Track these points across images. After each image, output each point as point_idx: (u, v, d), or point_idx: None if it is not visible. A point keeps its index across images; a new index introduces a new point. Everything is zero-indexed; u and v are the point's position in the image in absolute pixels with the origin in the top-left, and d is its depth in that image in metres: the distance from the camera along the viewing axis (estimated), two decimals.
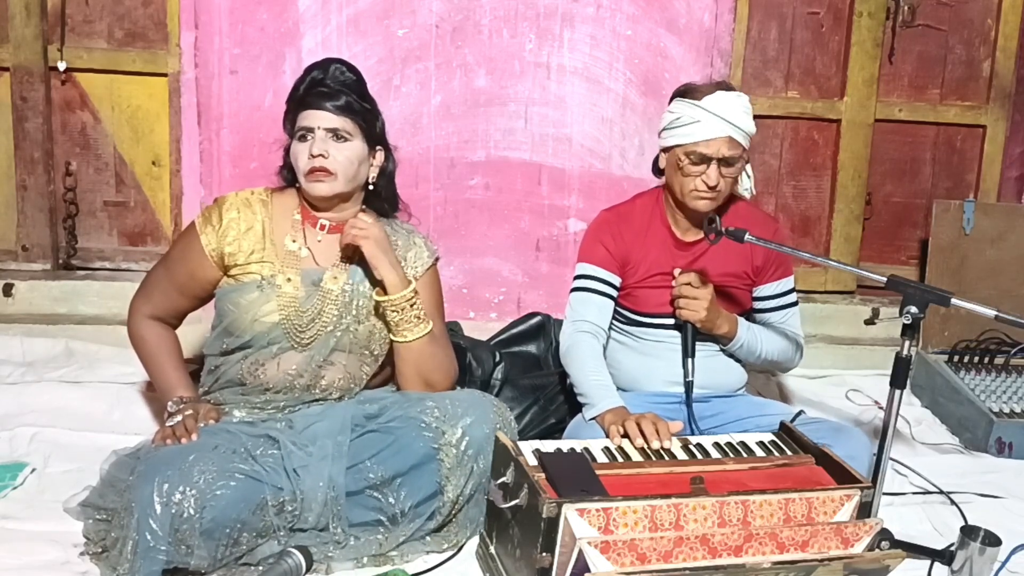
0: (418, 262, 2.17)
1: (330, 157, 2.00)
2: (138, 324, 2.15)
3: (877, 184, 3.40)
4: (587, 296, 2.30)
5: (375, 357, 2.14)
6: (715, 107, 2.14)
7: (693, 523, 1.69)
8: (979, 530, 1.92)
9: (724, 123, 2.14)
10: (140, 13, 3.03)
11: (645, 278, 2.29)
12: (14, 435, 2.34)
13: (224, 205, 2.09)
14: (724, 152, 2.15)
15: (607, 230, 2.32)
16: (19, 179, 3.06)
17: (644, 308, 2.31)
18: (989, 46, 3.33)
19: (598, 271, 2.30)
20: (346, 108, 2.02)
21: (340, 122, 2.01)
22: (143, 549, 1.69)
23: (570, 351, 2.27)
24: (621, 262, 2.30)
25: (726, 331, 2.26)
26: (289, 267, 2.06)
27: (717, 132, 2.14)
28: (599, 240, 2.32)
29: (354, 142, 2.04)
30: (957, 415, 2.83)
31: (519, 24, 2.94)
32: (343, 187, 2.04)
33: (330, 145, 2.01)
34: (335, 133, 2.01)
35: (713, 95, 2.16)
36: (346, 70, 2.07)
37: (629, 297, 2.32)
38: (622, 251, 2.30)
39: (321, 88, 2.03)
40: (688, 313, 2.22)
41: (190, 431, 1.91)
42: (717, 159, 2.15)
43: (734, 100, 2.16)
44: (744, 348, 2.29)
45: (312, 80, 2.04)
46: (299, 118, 2.03)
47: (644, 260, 2.29)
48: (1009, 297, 3.17)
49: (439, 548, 1.97)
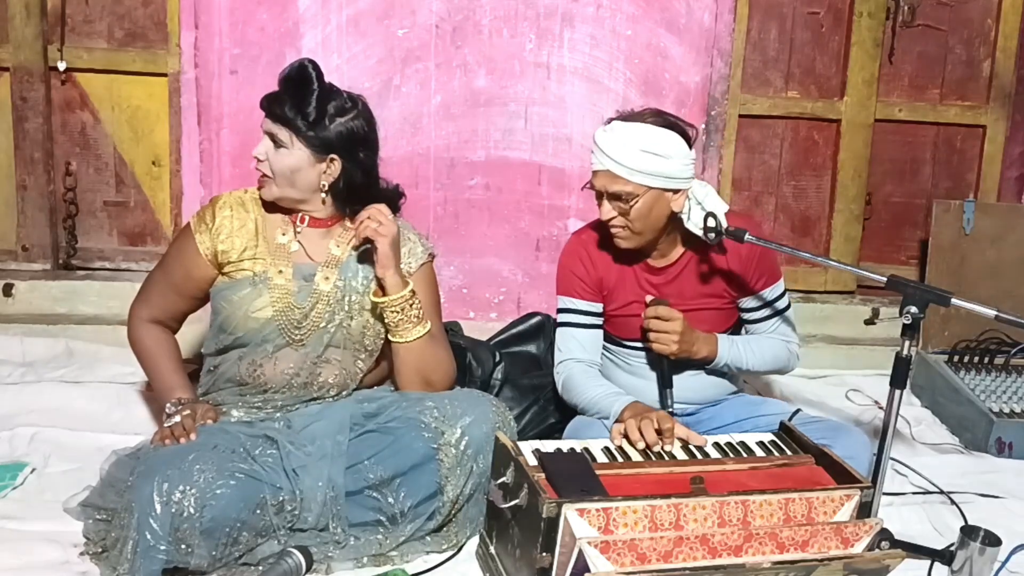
0: (412, 258, 2.16)
1: (266, 161, 2.02)
2: (137, 328, 2.16)
3: (877, 184, 3.40)
4: (570, 332, 2.25)
5: (369, 352, 2.14)
6: (600, 139, 2.06)
7: (693, 523, 1.69)
8: (979, 530, 1.92)
9: (606, 157, 2.04)
10: (140, 13, 3.03)
11: (622, 306, 2.24)
12: (14, 435, 2.34)
13: (217, 204, 2.10)
14: (608, 187, 2.06)
15: (577, 260, 2.25)
16: (19, 179, 3.06)
17: (626, 335, 2.26)
18: (989, 46, 3.33)
19: (577, 303, 2.25)
20: (282, 117, 1.99)
21: (276, 129, 2.00)
22: (143, 548, 1.70)
23: (565, 385, 2.24)
24: (598, 287, 2.24)
25: (705, 354, 2.17)
26: (281, 259, 2.07)
27: (599, 165, 2.06)
28: (572, 271, 2.25)
29: (292, 150, 2.00)
30: (957, 415, 2.83)
31: (519, 24, 2.95)
32: (281, 192, 2.04)
33: (269, 150, 2.02)
34: (273, 139, 2.01)
35: (607, 126, 2.08)
36: (313, 76, 1.99)
37: (611, 324, 2.28)
38: (597, 276, 2.23)
39: (278, 91, 2.01)
40: (660, 347, 2.12)
41: (188, 431, 1.91)
42: (606, 194, 2.08)
43: (626, 135, 2.03)
44: (729, 366, 2.22)
45: (280, 80, 2.03)
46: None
47: (619, 287, 2.23)
48: (1009, 297, 3.17)
49: (439, 548, 1.97)
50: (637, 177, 2.03)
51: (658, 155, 2.02)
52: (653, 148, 2.02)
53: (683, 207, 2.10)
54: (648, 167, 2.02)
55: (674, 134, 2.05)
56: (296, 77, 1.99)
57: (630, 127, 2.04)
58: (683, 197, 2.09)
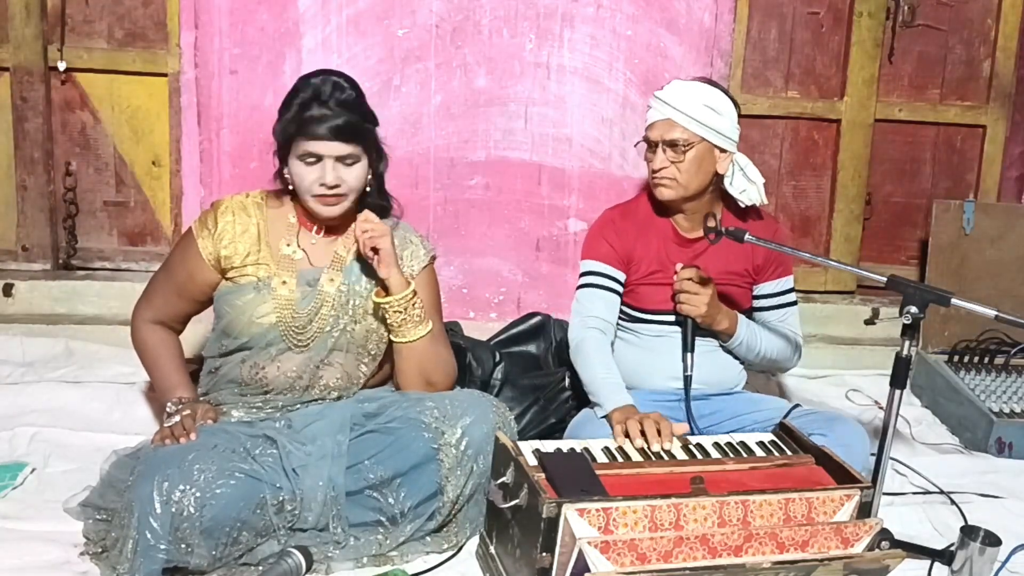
0: (414, 260, 2.17)
1: (343, 183, 2.01)
2: (140, 328, 2.17)
3: (877, 184, 3.40)
4: (594, 292, 2.32)
5: (373, 357, 2.14)
6: (662, 93, 2.26)
7: (693, 523, 1.69)
8: (979, 530, 1.92)
9: (666, 106, 2.22)
10: (140, 13, 3.03)
11: (647, 275, 2.32)
12: (14, 435, 2.34)
13: (220, 209, 2.09)
14: (665, 135, 2.22)
15: (611, 227, 2.36)
16: (19, 179, 3.06)
17: (646, 305, 2.33)
18: (989, 46, 3.33)
19: (603, 267, 2.33)
20: (352, 134, 1.99)
21: (349, 149, 2.00)
22: (143, 548, 1.70)
23: (579, 349, 2.28)
24: (625, 258, 2.33)
25: (726, 327, 2.27)
26: (285, 270, 2.07)
27: (657, 115, 2.24)
28: (603, 237, 2.35)
29: (362, 161, 2.04)
30: (957, 415, 2.83)
31: (519, 24, 2.94)
32: (351, 204, 2.06)
33: (340, 171, 2.01)
34: (343, 160, 2.01)
35: (668, 84, 2.28)
36: (346, 86, 2.01)
37: (631, 294, 2.34)
38: (626, 248, 2.33)
39: (325, 111, 1.97)
40: (688, 308, 2.23)
41: (188, 431, 1.91)
42: (661, 143, 2.21)
43: (687, 88, 2.24)
44: (743, 345, 2.30)
45: (312, 102, 1.98)
46: (303, 144, 1.97)
47: (646, 256, 2.32)
48: (1009, 297, 3.17)
49: (439, 548, 1.97)
50: (693, 126, 2.20)
51: (714, 110, 2.22)
52: (711, 103, 2.22)
53: (727, 170, 2.27)
54: (705, 119, 2.21)
55: (728, 98, 2.27)
56: (340, 87, 1.99)
57: (690, 84, 2.26)
58: (728, 160, 2.26)
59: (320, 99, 1.98)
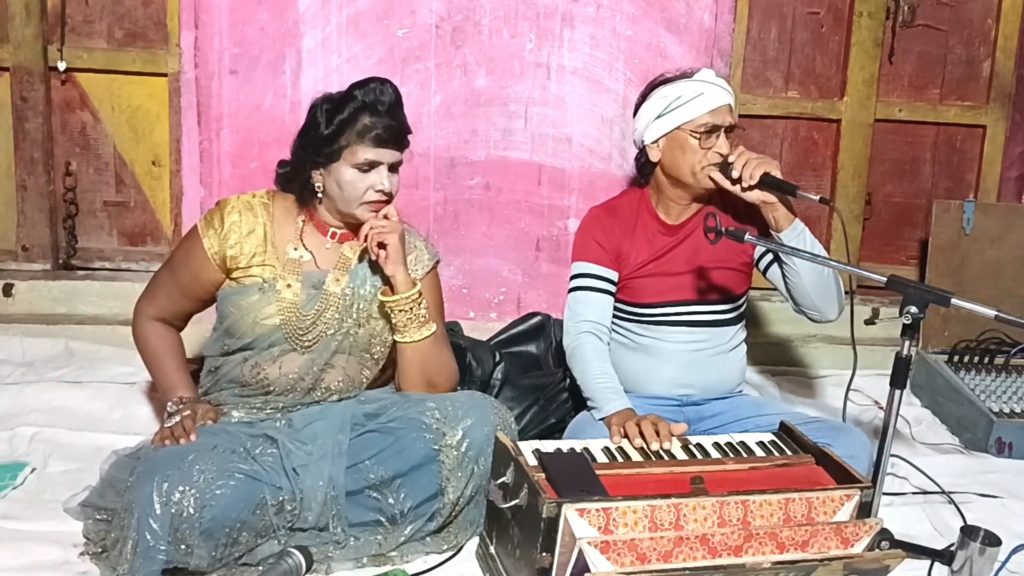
0: (418, 265, 2.16)
1: (393, 189, 2.05)
2: (142, 325, 2.16)
3: (877, 184, 3.40)
4: (585, 295, 2.30)
5: (375, 360, 2.14)
6: (713, 78, 2.24)
7: (693, 523, 1.69)
8: (979, 530, 1.92)
9: (723, 91, 2.22)
10: (140, 13, 3.03)
11: (639, 267, 2.30)
12: (14, 435, 2.34)
13: (225, 208, 2.08)
14: (728, 119, 2.21)
15: (597, 226, 2.34)
16: (19, 179, 3.06)
17: (642, 299, 2.31)
18: (989, 46, 3.33)
19: (594, 268, 2.31)
20: (404, 142, 2.06)
21: (400, 156, 2.05)
22: (143, 548, 1.70)
23: (575, 353, 2.27)
24: (615, 255, 2.31)
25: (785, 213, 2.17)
26: (290, 273, 2.06)
27: (721, 100, 2.21)
28: (591, 237, 2.33)
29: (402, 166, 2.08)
30: (957, 415, 2.83)
31: (519, 24, 2.94)
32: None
33: (391, 179, 2.03)
34: (393, 167, 2.04)
35: (704, 70, 2.26)
36: (393, 95, 2.04)
37: (626, 290, 2.32)
38: (615, 244, 2.31)
39: (389, 121, 2.00)
40: (758, 163, 2.12)
41: (188, 431, 1.91)
42: (724, 127, 2.20)
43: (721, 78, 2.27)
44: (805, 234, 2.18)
45: (372, 109, 1.99)
46: (362, 151, 1.98)
47: (634, 249, 2.31)
48: (1009, 297, 3.17)
49: (439, 549, 1.97)
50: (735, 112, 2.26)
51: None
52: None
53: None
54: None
55: None
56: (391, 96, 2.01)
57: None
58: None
59: (380, 106, 1.99)
